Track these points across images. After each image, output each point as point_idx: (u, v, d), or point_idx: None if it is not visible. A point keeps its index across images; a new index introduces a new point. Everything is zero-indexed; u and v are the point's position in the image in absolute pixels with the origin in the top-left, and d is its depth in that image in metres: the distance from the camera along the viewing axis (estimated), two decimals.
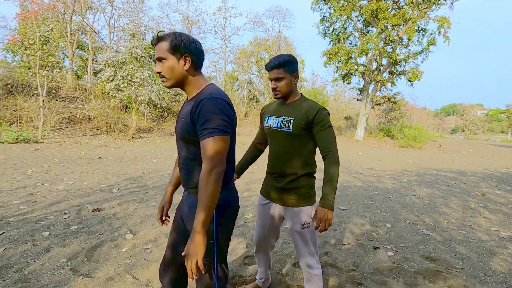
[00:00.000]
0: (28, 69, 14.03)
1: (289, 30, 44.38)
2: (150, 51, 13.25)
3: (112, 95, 12.92)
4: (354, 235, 3.05)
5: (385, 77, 19.79)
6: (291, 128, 1.50)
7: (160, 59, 1.16)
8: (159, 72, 1.17)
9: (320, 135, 1.47)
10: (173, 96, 19.51)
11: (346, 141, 20.54)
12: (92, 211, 3.40)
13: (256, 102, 29.11)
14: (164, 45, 1.14)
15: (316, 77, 43.11)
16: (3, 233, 2.69)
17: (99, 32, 22.04)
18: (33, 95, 13.54)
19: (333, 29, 21.08)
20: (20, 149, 8.67)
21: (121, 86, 12.33)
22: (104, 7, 21.25)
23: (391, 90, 20.67)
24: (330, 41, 21.43)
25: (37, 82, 12.04)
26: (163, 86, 13.50)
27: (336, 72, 21.37)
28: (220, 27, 30.34)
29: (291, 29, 45.96)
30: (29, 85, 14.33)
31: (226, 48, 29.64)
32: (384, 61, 19.76)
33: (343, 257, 2.50)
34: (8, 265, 2.15)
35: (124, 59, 12.72)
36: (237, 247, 2.62)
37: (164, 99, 14.33)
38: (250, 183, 5.36)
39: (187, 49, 1.15)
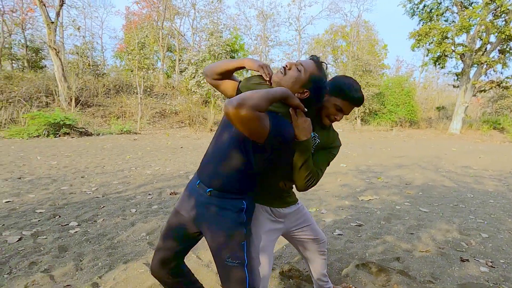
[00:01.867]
0: (131, 71, 16.58)
1: (369, 13, 40.73)
2: (226, 47, 14.03)
3: (193, 91, 14.22)
4: (436, 242, 2.63)
5: (493, 57, 16.36)
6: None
7: (296, 67, 1.16)
8: (284, 68, 1.17)
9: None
10: None
11: (437, 134, 17.92)
12: (170, 194, 3.82)
13: None
14: (310, 66, 1.16)
15: (401, 63, 38.51)
16: (104, 207, 3.27)
17: (184, 35, 24.39)
18: (133, 94, 15.97)
19: (424, 6, 18.39)
20: (123, 139, 10.36)
21: (201, 82, 13.44)
22: (188, 11, 23.33)
23: (501, 73, 17.01)
24: (420, 20, 18.79)
25: (136, 82, 14.14)
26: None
27: (427, 56, 18.75)
28: (294, 18, 29.89)
29: (372, 12, 42.06)
30: (131, 85, 16.94)
31: (300, 39, 29.10)
32: (492, 38, 16.30)
33: (418, 266, 2.19)
34: (104, 233, 2.59)
35: (204, 57, 13.80)
36: None
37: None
38: None
39: (315, 88, 1.17)
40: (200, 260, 2.18)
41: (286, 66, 1.16)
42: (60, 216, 2.93)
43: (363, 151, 9.20)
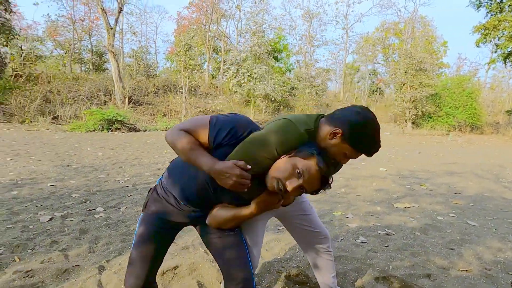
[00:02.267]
0: (179, 72, 17.53)
1: (427, 7, 37.43)
2: (267, 47, 14.05)
3: (235, 91, 14.52)
4: (481, 262, 2.22)
5: None
6: None
7: (299, 188, 1.07)
8: (283, 190, 1.05)
9: None
10: (290, 90, 19.99)
11: (504, 141, 15.71)
12: None
13: (379, 94, 26.23)
14: (312, 186, 1.06)
15: (464, 61, 34.54)
16: (130, 195, 3.42)
17: (230, 37, 25.02)
18: (179, 93, 16.86)
19: None
20: None
21: (242, 82, 13.63)
22: (234, 13, 23.86)
23: None
24: (488, 12, 16.65)
25: (181, 82, 14.87)
26: (278, 80, 14.08)
27: (495, 52, 16.53)
28: (342, 16, 28.78)
29: (430, 6, 38.47)
30: (178, 85, 17.93)
31: (348, 38, 27.91)
32: None
33: (453, 286, 1.85)
34: (123, 220, 2.69)
35: (245, 57, 13.98)
36: None
37: (278, 92, 14.91)
38: (352, 179, 4.82)
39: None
40: (207, 255, 2.13)
41: (288, 190, 0.97)
42: (90, 201, 3.13)
43: (410, 156, 8.40)
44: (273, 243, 2.35)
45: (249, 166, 0.97)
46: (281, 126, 1.03)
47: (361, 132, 1.03)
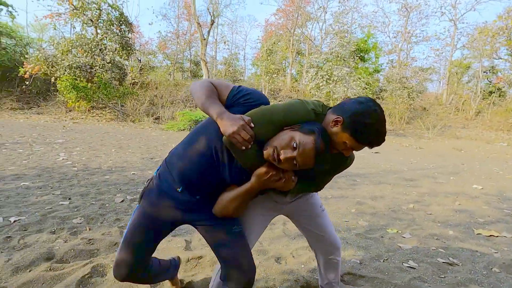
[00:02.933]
0: (261, 76, 18.32)
1: None
2: (351, 47, 13.24)
3: (313, 94, 14.24)
4: None
5: None
6: None
7: (293, 161, 1.14)
8: (277, 158, 1.11)
9: None
10: (377, 93, 18.38)
11: None
12: None
13: (499, 96, 21.50)
14: (308, 162, 1.12)
15: None
16: None
17: (314, 39, 24.69)
18: None
19: None
20: None
21: (320, 85, 13.24)
22: (319, 15, 23.39)
23: None
24: None
25: (262, 86, 15.49)
26: (361, 82, 13.07)
27: None
28: (449, 5, 24.72)
29: None
30: (259, 89, 18.76)
31: (456, 30, 23.82)
32: None
33: None
34: None
35: (326, 59, 13.54)
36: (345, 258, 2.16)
37: (360, 95, 13.89)
38: (428, 194, 4.12)
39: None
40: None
41: (281, 158, 1.01)
42: None
43: None
44: (302, 251, 2.25)
45: (252, 124, 1.04)
46: (292, 101, 1.14)
47: (360, 121, 1.01)
